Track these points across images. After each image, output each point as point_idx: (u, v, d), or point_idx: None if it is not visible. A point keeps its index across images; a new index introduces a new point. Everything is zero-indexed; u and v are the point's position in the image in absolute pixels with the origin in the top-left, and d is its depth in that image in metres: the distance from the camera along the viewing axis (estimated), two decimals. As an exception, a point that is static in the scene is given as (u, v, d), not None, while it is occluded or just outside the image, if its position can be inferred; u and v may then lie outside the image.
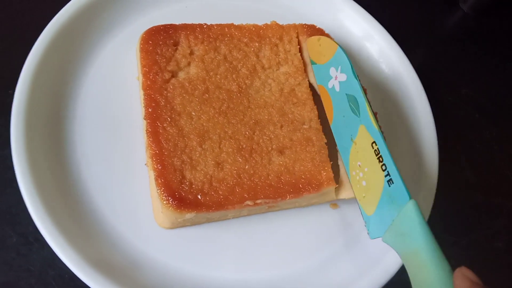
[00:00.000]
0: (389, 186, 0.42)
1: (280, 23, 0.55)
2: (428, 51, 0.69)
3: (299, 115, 0.51)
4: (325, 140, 0.49)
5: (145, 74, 0.49)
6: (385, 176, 0.42)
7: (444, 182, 0.53)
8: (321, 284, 0.46)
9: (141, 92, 0.49)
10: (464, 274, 0.33)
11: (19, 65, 0.48)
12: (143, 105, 0.48)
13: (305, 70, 0.54)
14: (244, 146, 0.48)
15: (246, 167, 0.47)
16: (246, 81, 0.51)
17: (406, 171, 0.53)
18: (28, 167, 0.44)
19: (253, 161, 0.47)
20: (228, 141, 0.47)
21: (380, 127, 0.45)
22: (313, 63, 0.53)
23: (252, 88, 0.51)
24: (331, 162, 0.48)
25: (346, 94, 0.47)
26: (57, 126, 0.49)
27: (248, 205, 0.45)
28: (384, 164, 0.42)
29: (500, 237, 0.56)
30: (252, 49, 0.53)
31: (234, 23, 0.54)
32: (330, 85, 0.50)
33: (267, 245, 0.48)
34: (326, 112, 0.51)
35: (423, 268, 0.36)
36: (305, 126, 0.50)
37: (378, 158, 0.43)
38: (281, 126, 0.50)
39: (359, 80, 0.47)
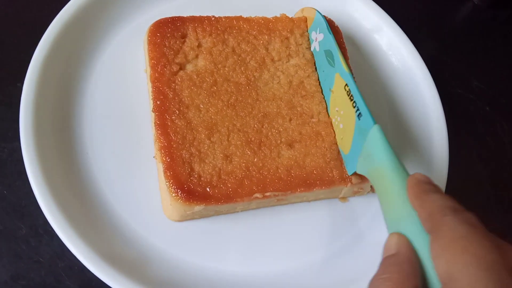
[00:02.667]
0: (359, 119, 0.45)
1: (288, 15, 0.54)
2: (438, 44, 0.68)
3: (308, 108, 0.50)
4: (334, 135, 0.49)
5: (153, 67, 0.49)
6: (356, 111, 0.45)
7: (455, 176, 0.52)
8: (329, 277, 0.46)
9: (149, 85, 0.49)
10: (415, 176, 0.35)
11: (27, 59, 0.48)
12: (151, 97, 0.48)
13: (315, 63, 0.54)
14: (252, 139, 0.47)
15: (255, 160, 0.46)
16: (255, 74, 0.51)
17: (415, 165, 0.53)
18: (37, 159, 0.44)
19: (262, 154, 0.47)
20: (237, 134, 0.47)
21: (350, 69, 0.49)
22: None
23: (261, 81, 0.51)
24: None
25: (324, 50, 0.52)
26: (65, 119, 0.49)
27: (257, 197, 0.45)
28: (354, 102, 0.46)
29: (512, 232, 0.55)
30: (261, 41, 0.53)
31: (243, 16, 0.53)
32: (313, 48, 0.54)
33: (276, 238, 0.48)
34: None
35: (383, 179, 0.38)
36: (313, 120, 0.50)
37: (349, 98, 0.47)
38: (290, 119, 0.49)
39: (332, 34, 0.51)
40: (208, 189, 0.44)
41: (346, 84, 0.47)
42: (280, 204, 0.49)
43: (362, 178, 0.47)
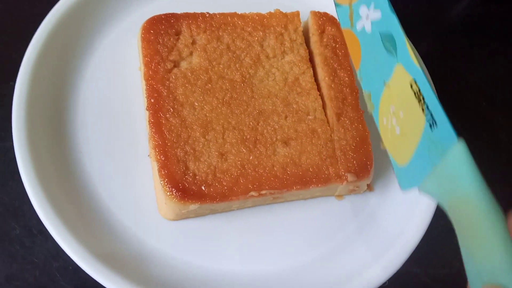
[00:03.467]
0: (431, 129, 0.35)
1: (283, 11, 0.54)
2: (435, 40, 0.68)
3: (304, 105, 0.50)
4: (330, 133, 0.49)
5: (147, 64, 0.48)
6: (427, 118, 0.36)
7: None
8: (325, 275, 0.46)
9: (143, 83, 0.48)
10: None
11: (19, 57, 0.48)
12: (145, 95, 0.47)
13: (310, 60, 0.53)
14: (248, 136, 0.47)
15: (251, 158, 0.46)
16: (250, 71, 0.51)
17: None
18: (30, 159, 0.44)
19: (258, 152, 0.46)
20: (232, 132, 0.47)
21: (420, 64, 0.39)
22: (337, 5, 0.47)
23: (256, 78, 0.50)
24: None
25: (380, 33, 0.42)
26: (59, 117, 0.49)
27: (253, 196, 0.45)
28: (426, 105, 0.36)
29: (508, 228, 0.55)
30: (256, 38, 0.52)
31: (237, 12, 0.53)
32: (359, 27, 0.44)
33: (272, 237, 0.47)
34: (352, 58, 0.46)
35: (473, 215, 0.31)
36: (309, 117, 0.50)
37: (418, 99, 0.37)
38: (286, 117, 0.49)
39: (396, 14, 0.40)
40: (203, 188, 0.44)
41: (415, 81, 0.37)
42: (276, 202, 0.49)
43: (358, 176, 0.47)
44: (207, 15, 0.52)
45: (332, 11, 0.57)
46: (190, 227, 0.46)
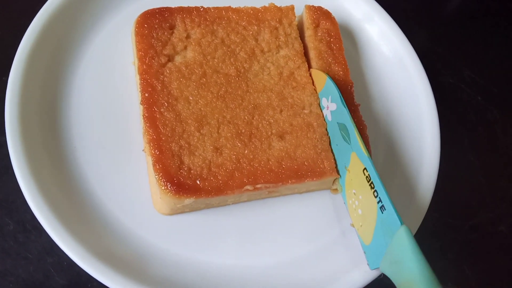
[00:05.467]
0: (382, 212, 0.40)
1: (278, 5, 0.54)
2: (430, 33, 0.68)
3: (299, 100, 0.50)
4: (326, 126, 0.49)
5: (141, 59, 0.48)
6: (378, 202, 0.41)
7: (447, 166, 0.52)
8: (321, 269, 0.46)
9: (137, 77, 0.48)
10: None
11: (12, 52, 0.47)
12: (139, 90, 0.47)
13: (305, 54, 0.53)
14: (243, 131, 0.47)
15: (246, 152, 0.46)
16: (245, 65, 0.50)
17: (407, 155, 0.52)
18: (24, 154, 0.43)
19: (253, 146, 0.46)
20: (227, 126, 0.47)
21: (369, 152, 0.44)
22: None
23: (251, 72, 0.50)
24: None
25: (337, 122, 0.47)
26: (52, 112, 0.48)
27: (248, 190, 0.44)
28: (375, 191, 0.42)
29: (504, 221, 0.55)
30: (251, 32, 0.52)
31: (232, 6, 0.53)
32: (324, 115, 0.49)
33: (267, 231, 0.47)
34: None
35: None
36: (305, 111, 0.49)
37: (370, 185, 0.42)
38: (281, 111, 0.49)
39: (347, 107, 0.47)
40: (198, 182, 0.43)
41: (365, 169, 0.43)
42: (271, 196, 0.49)
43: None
44: (201, 9, 0.52)
45: (326, 4, 0.58)
46: (185, 221, 0.46)
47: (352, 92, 0.51)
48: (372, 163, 0.43)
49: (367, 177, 0.43)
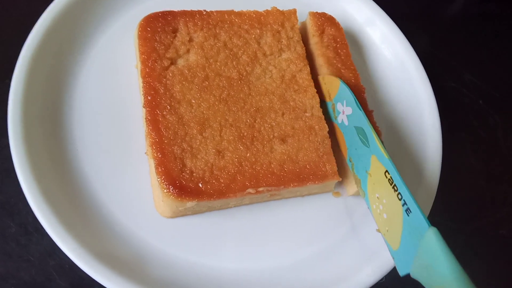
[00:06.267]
0: (408, 215, 0.38)
1: (280, 9, 0.54)
2: (431, 38, 0.68)
3: (301, 103, 0.50)
4: (327, 129, 0.49)
5: (144, 62, 0.48)
6: (402, 205, 0.39)
7: (448, 169, 0.52)
8: (324, 272, 0.46)
9: (140, 80, 0.48)
10: None
11: (15, 54, 0.47)
12: (142, 93, 0.47)
13: (309, 59, 0.53)
14: (245, 134, 0.47)
15: (248, 155, 0.46)
16: (247, 68, 0.50)
17: (409, 160, 0.52)
18: (26, 157, 0.43)
19: (255, 149, 0.46)
20: (229, 129, 0.47)
21: (388, 154, 0.42)
22: (324, 102, 0.52)
23: (253, 75, 0.50)
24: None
25: (354, 126, 0.46)
26: (55, 115, 0.48)
27: (250, 193, 0.44)
28: (399, 193, 0.40)
29: (505, 225, 0.55)
30: (253, 36, 0.52)
31: (234, 9, 0.53)
32: (339, 120, 0.49)
33: (269, 234, 0.47)
34: (341, 148, 0.50)
35: None
36: (307, 114, 0.49)
37: (393, 187, 0.40)
38: (283, 114, 0.49)
39: (363, 110, 0.45)
40: (200, 185, 0.43)
41: (387, 171, 0.41)
42: (273, 199, 0.49)
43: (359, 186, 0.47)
44: (204, 13, 0.52)
45: (328, 9, 0.58)
46: (187, 224, 0.46)
47: (365, 98, 0.51)
48: (393, 164, 0.41)
49: (389, 179, 0.41)
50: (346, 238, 0.48)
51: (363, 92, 0.51)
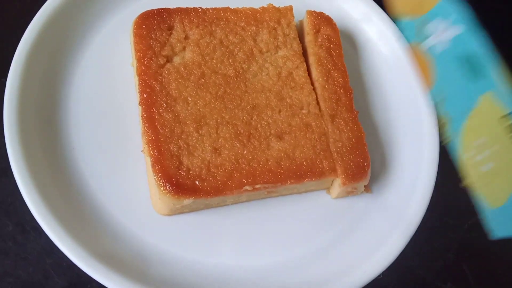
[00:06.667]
0: None
1: (277, 5, 0.54)
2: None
3: (297, 100, 0.50)
4: (324, 126, 0.49)
5: (139, 60, 0.48)
6: None
7: (445, 165, 0.52)
8: (321, 269, 0.46)
9: (136, 78, 0.48)
10: None
11: (10, 53, 0.47)
12: (138, 90, 0.47)
13: (304, 54, 0.53)
14: (241, 131, 0.47)
15: (244, 152, 0.46)
16: (243, 66, 0.50)
17: (405, 156, 0.53)
18: (23, 155, 0.43)
19: (251, 147, 0.46)
20: (226, 127, 0.47)
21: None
22: (399, 19, 0.41)
23: (249, 73, 0.50)
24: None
25: (460, 53, 0.36)
26: (51, 114, 0.48)
27: (247, 190, 0.45)
28: None
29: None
30: (249, 33, 0.52)
31: (230, 7, 0.53)
32: (430, 43, 0.38)
33: (266, 231, 0.47)
34: (422, 77, 0.40)
35: None
36: (303, 111, 0.49)
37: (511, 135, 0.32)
38: (279, 111, 0.49)
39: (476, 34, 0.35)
40: (197, 182, 0.44)
41: (508, 115, 0.33)
42: (270, 197, 0.49)
43: (355, 178, 0.47)
44: (199, 10, 0.52)
45: (324, 6, 0.58)
46: (184, 222, 0.46)
47: (352, 99, 0.51)
48: None
49: (508, 126, 0.33)
50: (344, 235, 0.48)
51: (350, 94, 0.51)
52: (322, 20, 0.54)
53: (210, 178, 0.44)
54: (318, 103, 0.50)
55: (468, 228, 0.54)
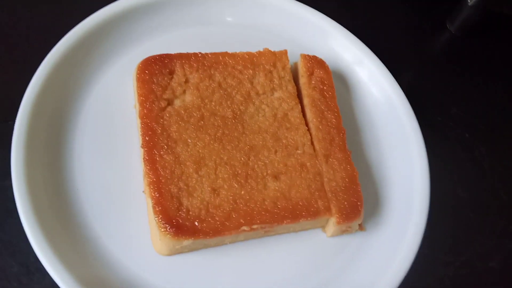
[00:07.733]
0: None
1: (272, 49, 0.57)
2: (417, 73, 0.70)
3: (293, 140, 0.52)
4: (319, 166, 0.50)
5: (142, 103, 0.50)
6: None
7: (437, 202, 0.54)
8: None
9: (138, 121, 0.50)
10: None
11: (18, 97, 0.49)
12: (140, 133, 0.49)
13: (298, 96, 0.56)
14: (239, 171, 0.49)
15: (242, 192, 0.48)
16: (241, 107, 0.53)
17: (397, 194, 0.54)
18: (28, 197, 0.45)
19: (249, 187, 0.48)
20: (224, 167, 0.49)
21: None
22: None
23: (247, 114, 0.52)
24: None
25: None
26: (56, 156, 0.50)
27: (245, 230, 0.46)
28: None
29: (494, 257, 0.57)
30: (246, 76, 0.55)
31: (228, 51, 0.55)
32: None
33: (264, 270, 0.48)
34: None
35: None
36: (298, 151, 0.51)
37: None
38: (276, 151, 0.51)
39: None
40: (196, 223, 0.45)
41: None
42: (267, 235, 0.50)
43: (349, 218, 0.48)
44: (199, 55, 0.54)
45: (318, 48, 0.60)
46: (184, 261, 0.47)
47: (345, 139, 0.53)
48: None
49: None
50: (339, 273, 0.49)
51: (343, 134, 0.53)
52: (315, 63, 0.57)
53: (209, 219, 0.45)
54: (312, 143, 0.52)
55: (460, 264, 0.55)
